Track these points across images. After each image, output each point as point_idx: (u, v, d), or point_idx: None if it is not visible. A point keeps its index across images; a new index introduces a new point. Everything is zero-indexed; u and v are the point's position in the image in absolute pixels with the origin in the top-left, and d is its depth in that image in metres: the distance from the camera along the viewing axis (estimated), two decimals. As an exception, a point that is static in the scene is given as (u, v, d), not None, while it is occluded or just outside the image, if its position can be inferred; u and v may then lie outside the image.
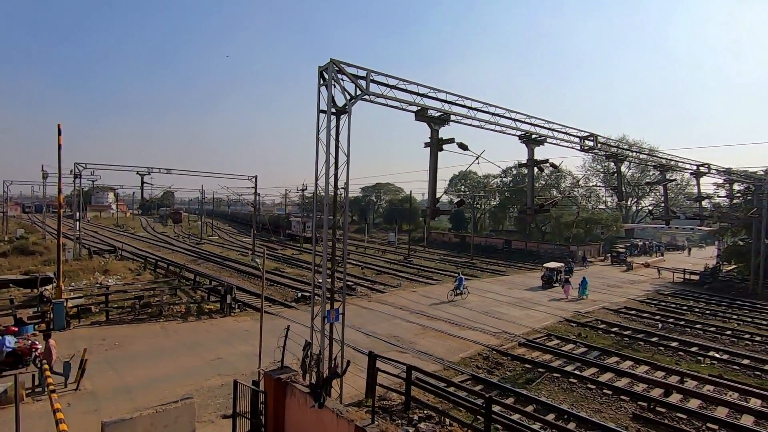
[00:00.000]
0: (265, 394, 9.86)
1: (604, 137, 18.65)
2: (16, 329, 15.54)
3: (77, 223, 39.94)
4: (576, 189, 63.78)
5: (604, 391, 13.62)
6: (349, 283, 28.32)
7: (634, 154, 24.24)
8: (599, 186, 66.55)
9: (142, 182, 43.76)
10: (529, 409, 11.83)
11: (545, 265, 33.05)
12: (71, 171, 37.17)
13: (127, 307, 20.70)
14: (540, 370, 15.19)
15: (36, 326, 17.46)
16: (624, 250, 49.14)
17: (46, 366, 12.26)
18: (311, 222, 54.08)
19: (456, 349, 17.11)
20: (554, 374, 14.81)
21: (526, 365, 15.69)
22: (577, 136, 17.08)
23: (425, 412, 11.43)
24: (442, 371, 14.49)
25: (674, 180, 29.39)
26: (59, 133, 19.33)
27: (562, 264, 33.72)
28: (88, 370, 12.67)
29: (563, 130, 16.31)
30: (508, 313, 23.32)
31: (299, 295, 26.06)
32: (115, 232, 69.42)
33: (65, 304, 18.48)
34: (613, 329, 20.75)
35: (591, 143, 17.47)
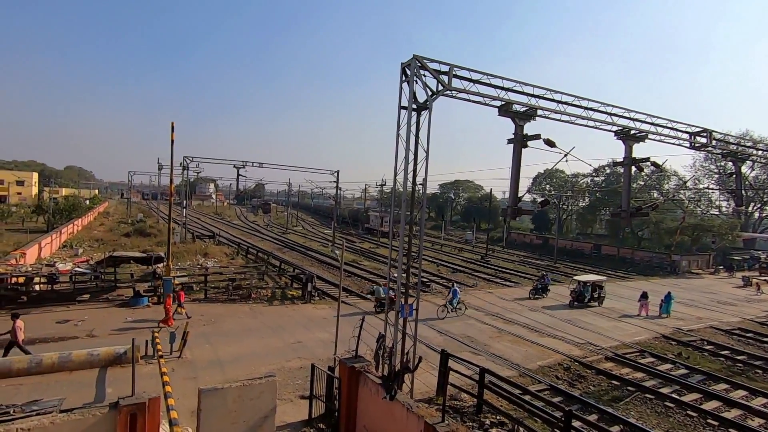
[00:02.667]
0: (339, 380, 10.27)
1: (721, 133, 16.30)
2: (386, 284, 19.01)
3: (184, 210, 44.99)
4: (682, 191, 56.75)
5: (709, 420, 12.01)
6: (424, 280, 28.31)
7: (761, 152, 20.86)
8: (712, 189, 58.52)
9: (238, 175, 47.73)
10: (615, 429, 10.87)
11: (576, 277, 27.11)
12: (180, 163, 41.91)
13: (222, 288, 22.86)
14: (630, 388, 13.85)
15: (149, 299, 20.05)
16: None
17: (158, 337, 14.00)
18: (389, 217, 54.95)
19: (534, 356, 16.28)
20: (646, 395, 13.40)
21: (613, 381, 14.41)
22: (686, 132, 15.13)
23: (498, 417, 11.06)
24: (517, 377, 13.88)
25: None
26: (172, 130, 21.78)
27: (603, 278, 27.86)
28: (189, 342, 14.25)
29: (669, 125, 14.55)
30: (594, 323, 21.59)
31: (374, 287, 26.67)
32: (214, 219, 76.97)
33: (173, 281, 20.95)
34: (723, 352, 18.19)
35: (703, 140, 15.37)
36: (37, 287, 19.98)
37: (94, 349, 12.99)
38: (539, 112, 11.65)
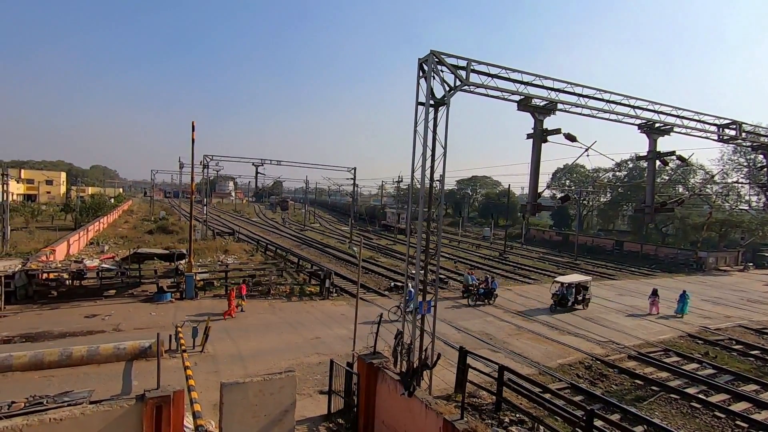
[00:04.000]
0: (358, 376, 10.34)
1: (752, 125, 15.68)
2: (472, 272, 20.98)
3: (205, 207, 45.86)
4: (709, 186, 54.85)
5: (738, 422, 11.65)
6: (442, 276, 28.18)
7: (794, 144, 19.95)
8: (741, 183, 56.33)
9: (257, 172, 48.43)
10: (639, 430, 10.64)
11: (557, 279, 24.19)
12: (201, 162, 42.76)
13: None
14: (654, 388, 13.53)
15: (173, 295, 20.54)
16: None
17: (181, 332, 14.36)
18: (406, 213, 54.89)
19: (554, 354, 16.06)
20: (672, 395, 13.08)
21: (637, 381, 14.10)
22: (714, 124, 14.61)
23: (517, 415, 10.97)
24: (537, 376, 13.73)
25: None
26: (193, 129, 22.24)
27: (588, 278, 25.14)
28: (210, 337, 14.55)
29: (695, 117, 14.07)
30: (617, 321, 21.14)
31: (392, 284, 26.70)
32: (234, 216, 78.23)
33: (194, 278, 21.43)
34: (753, 352, 17.59)
35: (732, 132, 14.81)
36: (66, 283, 20.71)
37: (120, 343, 13.41)
38: (559, 106, 11.43)
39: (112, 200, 76.67)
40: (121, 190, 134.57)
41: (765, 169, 17.96)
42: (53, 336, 15.09)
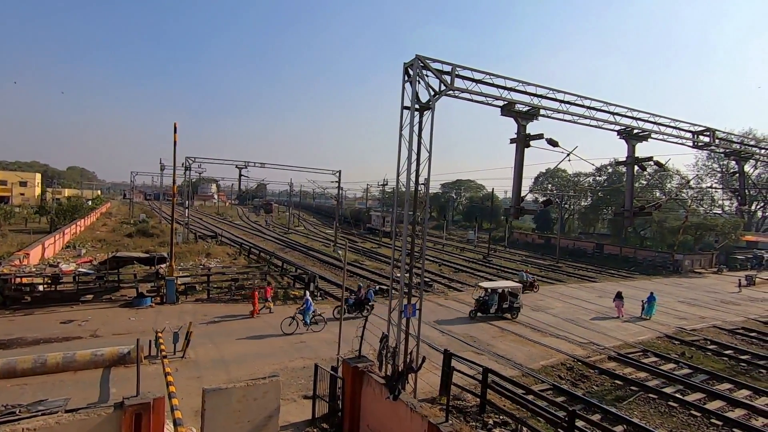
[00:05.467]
0: (342, 380, 10.29)
1: (724, 132, 16.27)
2: (527, 270, 21.26)
3: (186, 210, 45.07)
4: (685, 190, 56.56)
5: (712, 420, 12.00)
6: (427, 279, 28.31)
7: (764, 151, 20.78)
8: (715, 188, 58.31)
9: (240, 175, 47.79)
10: (618, 429, 10.85)
11: (482, 283, 22.57)
12: (183, 164, 41.97)
13: (225, 288, 22.89)
14: (633, 388, 13.83)
15: (153, 299, 20.10)
16: None
17: (161, 337, 14.05)
18: (391, 217, 54.95)
19: (537, 356, 16.27)
20: (650, 395, 13.39)
21: (617, 381, 14.39)
22: (689, 131, 15.11)
23: (501, 417, 11.06)
24: (520, 377, 13.89)
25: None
26: (175, 131, 21.85)
27: (519, 285, 23.15)
28: (192, 342, 14.28)
29: (672, 124, 14.53)
30: (598, 322, 21.55)
31: (377, 288, 26.65)
32: (216, 219, 77.08)
33: (176, 282, 21.01)
34: (727, 351, 18.15)
35: (706, 138, 15.34)
36: (41, 287, 20.05)
37: (98, 349, 13.05)
38: (542, 111, 11.67)
39: (90, 202, 74.62)
40: (99, 192, 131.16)
41: (737, 175, 18.60)
42: (27, 342, 14.59)
